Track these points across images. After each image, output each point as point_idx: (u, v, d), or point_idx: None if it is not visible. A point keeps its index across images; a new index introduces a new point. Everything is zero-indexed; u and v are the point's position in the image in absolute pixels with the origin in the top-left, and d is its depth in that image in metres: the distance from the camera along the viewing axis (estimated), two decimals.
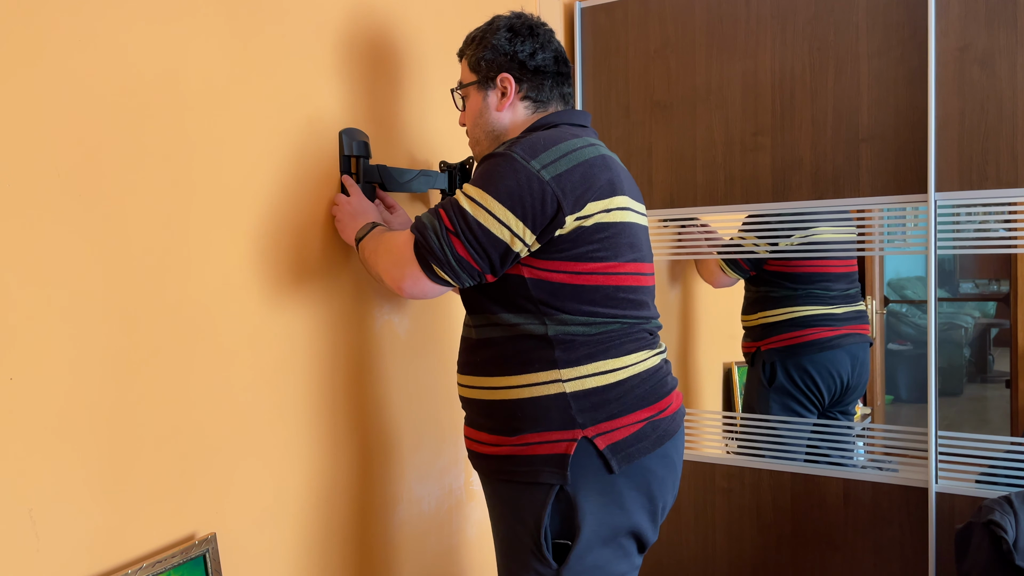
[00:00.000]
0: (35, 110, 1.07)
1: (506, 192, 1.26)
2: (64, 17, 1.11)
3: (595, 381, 1.31)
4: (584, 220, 1.29)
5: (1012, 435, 2.78)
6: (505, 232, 1.26)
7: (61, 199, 1.10)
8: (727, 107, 2.15)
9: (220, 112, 1.33)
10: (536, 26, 1.46)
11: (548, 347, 1.31)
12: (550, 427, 1.31)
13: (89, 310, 1.14)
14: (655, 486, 1.35)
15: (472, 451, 1.44)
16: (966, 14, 1.87)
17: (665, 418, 1.36)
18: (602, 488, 1.31)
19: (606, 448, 1.29)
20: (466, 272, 1.30)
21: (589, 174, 1.30)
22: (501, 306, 1.35)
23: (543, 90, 1.45)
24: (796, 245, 2.19)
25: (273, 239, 1.43)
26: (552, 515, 1.32)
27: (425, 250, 1.30)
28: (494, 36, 1.44)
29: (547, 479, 1.30)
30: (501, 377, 1.35)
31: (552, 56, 1.45)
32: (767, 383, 2.39)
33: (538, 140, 1.31)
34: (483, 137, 1.48)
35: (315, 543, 1.53)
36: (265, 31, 1.42)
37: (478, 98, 1.47)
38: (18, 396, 1.06)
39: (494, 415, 1.37)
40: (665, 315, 2.64)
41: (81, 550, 1.13)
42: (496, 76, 1.44)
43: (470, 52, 1.48)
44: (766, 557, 2.17)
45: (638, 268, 1.38)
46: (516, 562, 1.37)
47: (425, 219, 1.32)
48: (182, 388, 1.27)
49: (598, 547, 1.32)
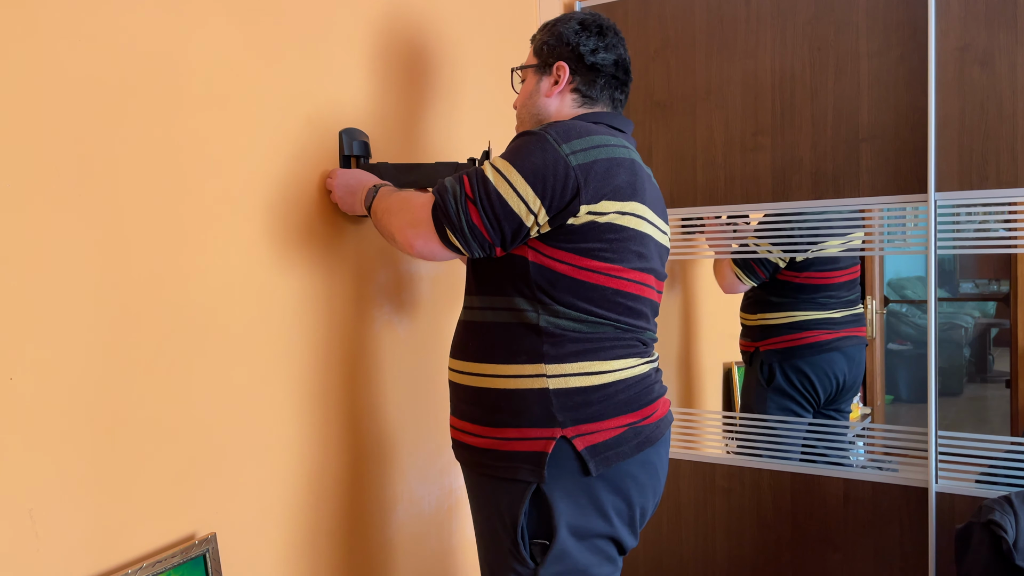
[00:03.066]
0: (35, 108, 1.07)
1: (531, 168, 1.28)
2: (63, 14, 1.11)
3: (579, 381, 1.31)
4: (598, 216, 1.30)
5: (1012, 435, 2.78)
6: (522, 207, 1.27)
7: (61, 198, 1.10)
8: (727, 107, 2.15)
9: (220, 111, 1.33)
10: (607, 28, 1.47)
11: (537, 338, 1.31)
12: (530, 423, 1.31)
13: (88, 311, 1.14)
14: (634, 492, 1.35)
15: (456, 440, 1.44)
16: (966, 14, 1.87)
17: (648, 425, 1.36)
18: (578, 490, 1.30)
19: (584, 450, 1.29)
20: (477, 241, 1.30)
21: (613, 172, 1.31)
22: (499, 288, 1.36)
23: (594, 87, 1.46)
24: (810, 256, 2.20)
25: (273, 239, 1.43)
26: (529, 514, 1.32)
27: (442, 213, 1.31)
28: (564, 25, 1.47)
29: (524, 476, 1.30)
30: (488, 364, 1.36)
31: (613, 59, 1.46)
32: (765, 383, 2.40)
33: (573, 127, 1.33)
34: (528, 119, 1.51)
35: (315, 543, 1.53)
36: (265, 30, 1.42)
37: (532, 81, 1.50)
38: (18, 396, 1.06)
39: (479, 403, 1.37)
40: (665, 315, 2.64)
41: (81, 550, 1.13)
42: (554, 63, 1.46)
43: (539, 36, 1.51)
44: (766, 557, 2.17)
45: (643, 278, 1.37)
46: (496, 558, 1.38)
47: (448, 183, 1.33)
48: (182, 388, 1.27)
49: (576, 549, 1.32)
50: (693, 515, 2.27)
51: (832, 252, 2.21)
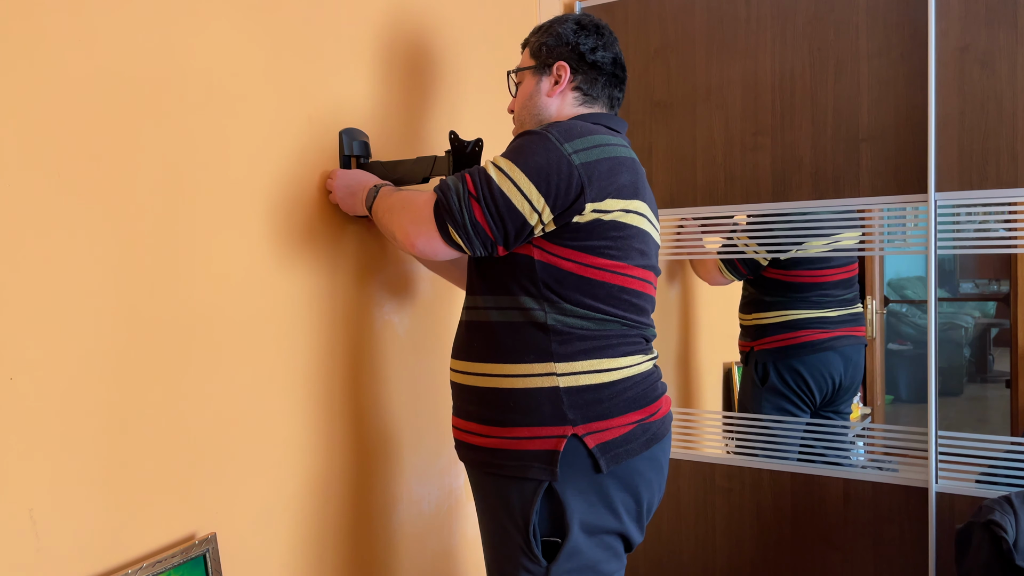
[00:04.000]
0: (35, 108, 1.07)
1: (535, 167, 1.28)
2: (64, 14, 1.11)
3: (589, 379, 1.31)
4: (603, 214, 1.30)
5: (1012, 435, 2.78)
6: (526, 205, 1.28)
7: (61, 198, 1.10)
8: (727, 107, 2.15)
9: (220, 112, 1.33)
10: (602, 27, 1.49)
11: (545, 336, 1.32)
12: (541, 422, 1.31)
13: (89, 311, 1.14)
14: (642, 487, 1.36)
15: (460, 441, 1.44)
16: (966, 14, 1.87)
17: (655, 421, 1.37)
18: (590, 487, 1.31)
19: (595, 447, 1.30)
20: (479, 239, 1.30)
21: (616, 171, 1.32)
22: (505, 287, 1.36)
23: (595, 86, 1.47)
24: (795, 255, 2.20)
25: (274, 239, 1.43)
26: (540, 512, 1.32)
27: (444, 210, 1.31)
28: (561, 26, 1.48)
29: (536, 475, 1.31)
30: (495, 364, 1.36)
31: (611, 57, 1.48)
32: (760, 383, 2.40)
33: (574, 127, 1.33)
34: (528, 119, 1.50)
35: (315, 543, 1.53)
36: (265, 31, 1.42)
37: (532, 82, 1.49)
38: (18, 396, 1.06)
39: (486, 403, 1.37)
40: (665, 315, 2.64)
41: (81, 550, 1.13)
42: (554, 63, 1.47)
43: (534, 39, 1.51)
44: (766, 557, 2.17)
45: (645, 275, 1.39)
46: (505, 558, 1.37)
47: (450, 181, 1.33)
48: (182, 388, 1.27)
49: (587, 546, 1.33)
50: (693, 515, 2.27)
51: (816, 252, 2.21)
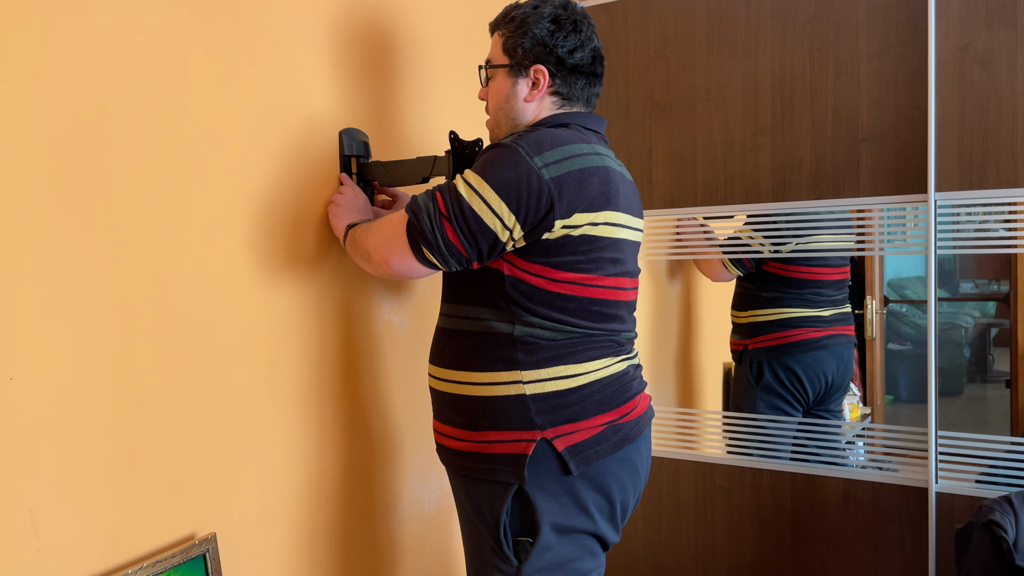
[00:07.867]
0: (33, 111, 1.07)
1: (504, 183, 1.26)
2: (62, 17, 1.11)
3: (554, 385, 1.32)
4: (572, 230, 1.29)
5: (1012, 435, 2.78)
6: (497, 223, 1.27)
7: (61, 199, 1.10)
8: (727, 107, 2.15)
9: (220, 112, 1.33)
10: (580, 21, 1.40)
11: (511, 347, 1.32)
12: (509, 426, 1.32)
13: (88, 310, 1.14)
14: (614, 488, 1.36)
15: (439, 444, 1.45)
16: (966, 14, 1.87)
17: (628, 422, 1.37)
18: (560, 489, 1.32)
19: (564, 450, 1.30)
20: (454, 257, 1.30)
21: (586, 182, 1.30)
22: (474, 299, 1.36)
23: (575, 88, 1.42)
24: (796, 248, 2.20)
25: (274, 239, 1.43)
26: (512, 513, 1.33)
27: (417, 231, 1.30)
28: (536, 25, 1.38)
29: (504, 478, 1.31)
30: (465, 372, 1.36)
31: (590, 55, 1.41)
32: (754, 381, 2.41)
33: (544, 137, 1.30)
34: (504, 121, 1.45)
35: (315, 543, 1.53)
36: (265, 31, 1.42)
37: (507, 83, 1.43)
38: (18, 396, 1.06)
39: (458, 409, 1.38)
40: (665, 315, 2.64)
41: (81, 550, 1.13)
42: (531, 66, 1.40)
43: (507, 33, 1.42)
44: (766, 557, 2.17)
45: (619, 283, 1.38)
46: (480, 559, 1.39)
47: (421, 200, 1.32)
48: (182, 388, 1.27)
49: (559, 544, 1.33)
50: (693, 515, 2.27)
51: (819, 244, 2.22)
